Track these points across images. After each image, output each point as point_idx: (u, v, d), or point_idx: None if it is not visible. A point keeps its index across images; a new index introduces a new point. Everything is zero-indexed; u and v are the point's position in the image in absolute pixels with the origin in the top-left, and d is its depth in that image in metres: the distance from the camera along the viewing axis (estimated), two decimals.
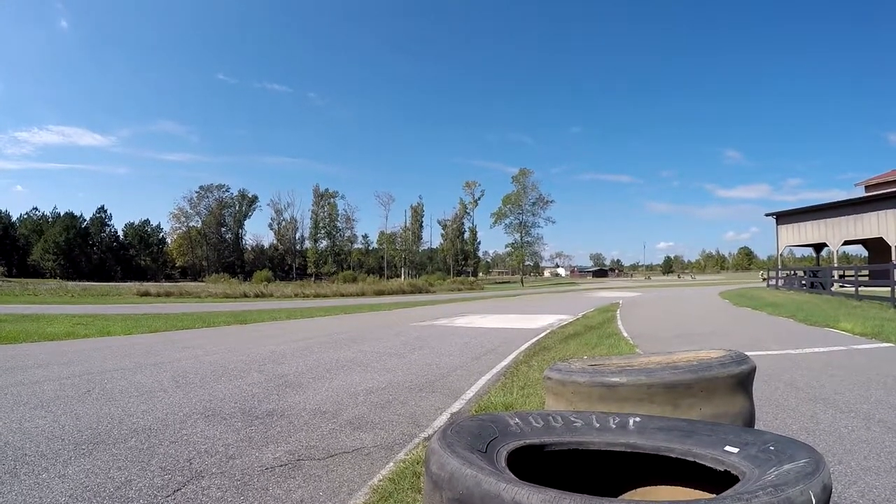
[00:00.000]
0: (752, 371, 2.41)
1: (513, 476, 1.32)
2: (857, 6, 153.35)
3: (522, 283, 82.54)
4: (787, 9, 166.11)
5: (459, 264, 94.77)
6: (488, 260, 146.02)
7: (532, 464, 1.69)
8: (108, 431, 4.02)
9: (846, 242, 28.51)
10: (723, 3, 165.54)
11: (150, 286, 38.10)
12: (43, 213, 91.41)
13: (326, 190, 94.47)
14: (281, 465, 3.34)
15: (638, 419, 1.87)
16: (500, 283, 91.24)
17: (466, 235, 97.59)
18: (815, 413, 4.45)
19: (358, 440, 3.89)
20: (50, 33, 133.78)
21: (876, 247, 28.60)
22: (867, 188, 31.69)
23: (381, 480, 3.07)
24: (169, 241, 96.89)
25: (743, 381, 2.34)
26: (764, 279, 44.78)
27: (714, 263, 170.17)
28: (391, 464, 3.36)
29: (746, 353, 2.54)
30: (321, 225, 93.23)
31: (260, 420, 4.39)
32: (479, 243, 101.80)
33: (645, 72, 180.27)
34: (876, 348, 8.05)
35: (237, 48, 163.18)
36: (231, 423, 4.31)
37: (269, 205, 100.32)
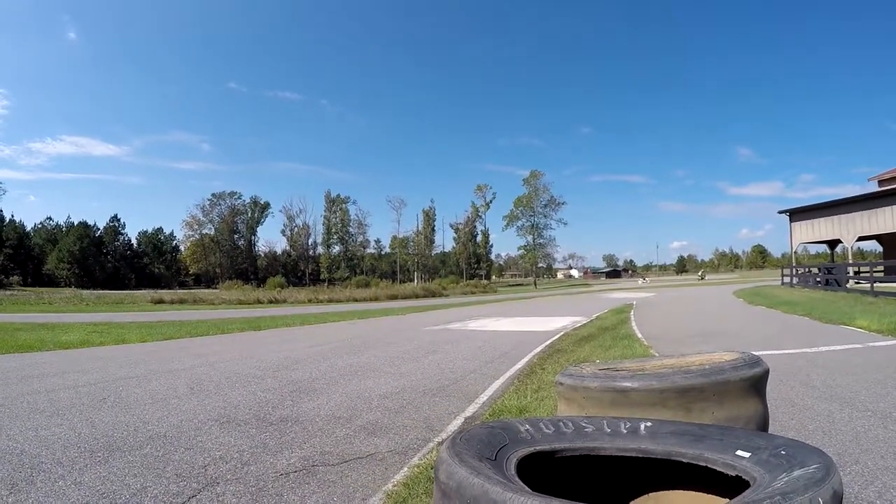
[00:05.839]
0: (766, 374, 2.38)
1: (521, 485, 1.32)
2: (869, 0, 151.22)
3: (535, 285, 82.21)
4: (798, 5, 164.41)
5: (472, 267, 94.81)
6: (501, 262, 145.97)
7: (543, 470, 1.69)
8: (123, 439, 4.07)
9: (860, 238, 28.13)
10: (732, 1, 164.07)
11: (164, 294, 38.52)
12: (57, 223, 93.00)
13: (338, 195, 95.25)
14: (295, 471, 3.35)
15: (649, 424, 1.86)
16: (513, 285, 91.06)
17: (479, 238, 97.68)
18: (831, 412, 4.40)
19: (372, 445, 3.90)
20: (59, 45, 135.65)
21: (891, 242, 28.24)
22: (880, 182, 31.24)
23: (395, 486, 3.08)
24: (182, 248, 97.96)
25: (756, 385, 2.32)
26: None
27: (728, 262, 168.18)
28: (405, 469, 3.37)
29: (761, 352, 2.52)
30: (333, 230, 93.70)
31: (274, 426, 4.42)
32: (492, 246, 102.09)
33: (655, 71, 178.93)
34: (893, 345, 7.92)
35: (248, 57, 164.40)
36: (246, 429, 4.34)
37: (281, 211, 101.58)
